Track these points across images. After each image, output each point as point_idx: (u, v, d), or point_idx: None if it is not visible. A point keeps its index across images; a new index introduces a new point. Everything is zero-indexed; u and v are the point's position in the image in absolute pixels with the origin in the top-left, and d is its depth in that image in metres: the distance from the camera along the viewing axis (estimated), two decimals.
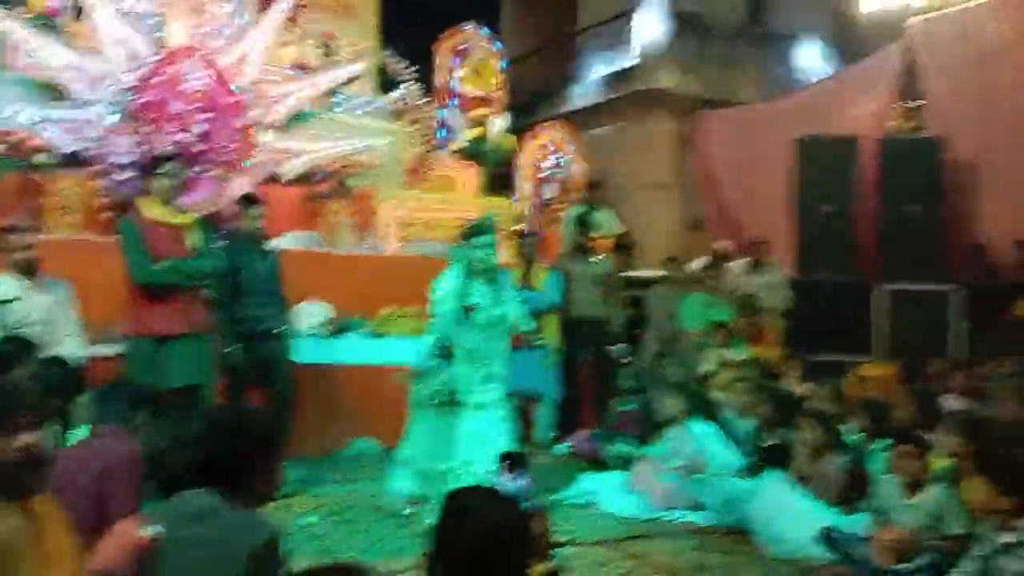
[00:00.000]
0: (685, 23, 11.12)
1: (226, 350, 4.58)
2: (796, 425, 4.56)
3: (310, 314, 5.80)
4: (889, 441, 3.96)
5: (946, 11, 8.49)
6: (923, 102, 8.35)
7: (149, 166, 4.52)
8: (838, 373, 5.95)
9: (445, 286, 4.34)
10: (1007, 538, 3.27)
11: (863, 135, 8.09)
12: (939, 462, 3.92)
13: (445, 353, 4.24)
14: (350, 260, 6.54)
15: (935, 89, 8.33)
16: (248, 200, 5.01)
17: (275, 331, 4.81)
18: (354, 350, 5.73)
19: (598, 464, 5.45)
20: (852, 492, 4.22)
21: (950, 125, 7.99)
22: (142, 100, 6.10)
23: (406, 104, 8.42)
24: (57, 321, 4.23)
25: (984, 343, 6.47)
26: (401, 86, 8.55)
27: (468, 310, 4.25)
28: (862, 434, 4.61)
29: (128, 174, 5.98)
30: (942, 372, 5.75)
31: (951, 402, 5.09)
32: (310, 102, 7.46)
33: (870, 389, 5.57)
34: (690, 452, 4.85)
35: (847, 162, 7.72)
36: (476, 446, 4.05)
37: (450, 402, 4.20)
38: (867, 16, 9.88)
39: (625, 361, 6.31)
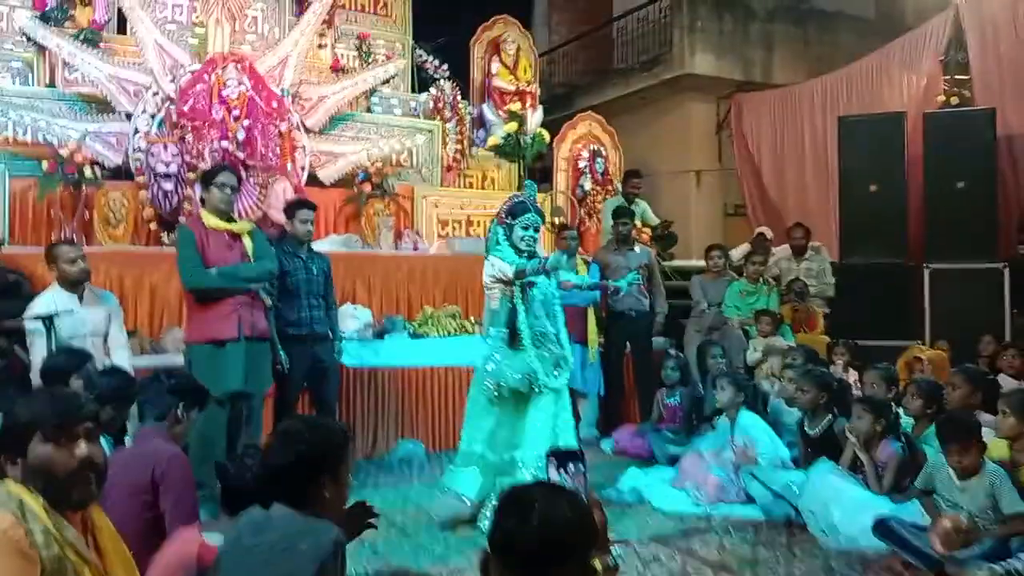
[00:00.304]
0: (722, 4, 10.97)
1: (278, 353, 4.63)
2: (848, 412, 4.48)
3: (352, 317, 5.86)
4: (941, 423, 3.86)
5: None
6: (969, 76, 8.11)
7: (206, 177, 4.56)
8: (887, 357, 5.82)
9: (497, 264, 4.03)
10: None
11: (908, 111, 7.90)
12: (994, 444, 3.83)
13: (514, 336, 4.02)
14: (391, 260, 6.58)
15: (982, 61, 8.09)
16: (298, 204, 5.06)
17: (324, 334, 4.87)
18: (396, 352, 5.76)
19: (645, 459, 5.42)
20: (906, 478, 4.14)
21: (999, 98, 7.76)
22: (184, 108, 6.21)
23: (442, 101, 8.43)
24: (107, 333, 4.36)
25: None
26: (436, 84, 8.56)
27: (525, 287, 4.04)
28: (915, 418, 4.51)
29: (173, 184, 6.11)
30: (994, 351, 5.60)
31: (1005, 382, 4.96)
32: (348, 103, 7.53)
33: (923, 371, 5.44)
34: (739, 444, 4.79)
35: (891, 140, 7.53)
36: (549, 434, 3.93)
37: (526, 390, 3.98)
38: None
39: (669, 353, 6.25)
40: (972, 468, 3.60)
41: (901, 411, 4.62)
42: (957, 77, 8.25)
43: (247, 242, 4.44)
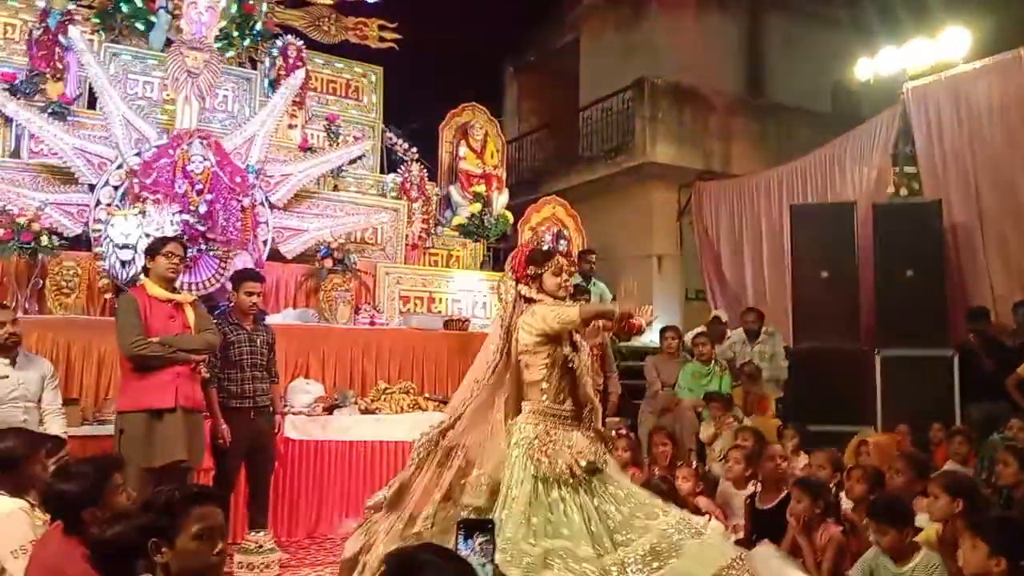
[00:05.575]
0: (683, 96, 11.39)
1: (220, 427, 4.62)
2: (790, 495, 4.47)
3: (304, 391, 5.83)
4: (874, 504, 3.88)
5: (939, 75, 8.55)
6: (917, 168, 8.40)
7: (154, 247, 4.60)
8: (838, 442, 5.85)
9: (553, 312, 3.37)
10: None
11: (858, 201, 8.14)
12: (927, 528, 3.85)
13: None
14: (346, 335, 6.59)
15: (928, 154, 8.38)
16: (244, 276, 5.10)
17: (266, 407, 4.86)
18: (345, 426, 5.71)
19: None
20: (846, 563, 4.12)
21: (945, 189, 8.03)
22: (147, 181, 6.29)
23: (409, 182, 8.61)
24: (39, 398, 4.30)
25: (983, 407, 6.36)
26: (405, 165, 8.76)
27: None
28: (855, 503, 4.51)
29: (131, 255, 6.14)
30: (941, 438, 5.66)
31: (947, 466, 5.00)
32: (315, 181, 7.68)
33: (869, 456, 5.47)
34: None
35: (842, 228, 7.73)
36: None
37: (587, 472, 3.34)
38: (863, 83, 10.05)
39: (620, 434, 6.23)
40: (904, 552, 3.60)
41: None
42: (906, 169, 8.54)
43: (189, 313, 4.45)
